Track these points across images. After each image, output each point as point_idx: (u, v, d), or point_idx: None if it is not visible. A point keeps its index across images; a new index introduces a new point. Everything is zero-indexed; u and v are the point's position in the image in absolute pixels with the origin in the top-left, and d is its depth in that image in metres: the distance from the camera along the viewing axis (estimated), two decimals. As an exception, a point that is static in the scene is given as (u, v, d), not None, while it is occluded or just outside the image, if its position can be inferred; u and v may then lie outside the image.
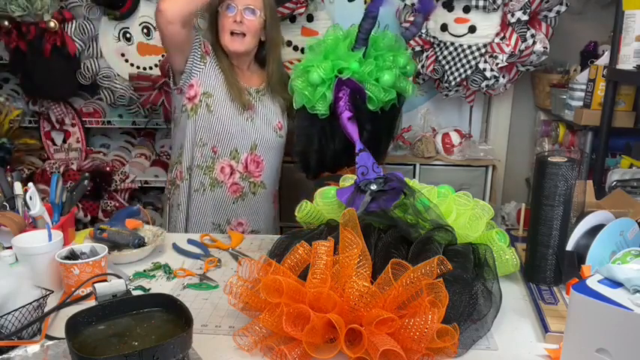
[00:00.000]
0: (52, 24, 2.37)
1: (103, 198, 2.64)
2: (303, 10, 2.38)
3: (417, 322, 0.87)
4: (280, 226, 2.06)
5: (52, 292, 1.03)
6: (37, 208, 1.26)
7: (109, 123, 2.78)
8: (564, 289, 1.12)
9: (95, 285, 0.88)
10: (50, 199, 1.35)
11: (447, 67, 2.34)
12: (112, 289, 0.89)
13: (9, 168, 2.45)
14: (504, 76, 2.33)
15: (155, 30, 2.46)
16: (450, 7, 2.29)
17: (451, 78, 2.35)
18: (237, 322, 1.04)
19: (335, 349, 0.89)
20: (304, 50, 2.47)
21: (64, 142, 2.82)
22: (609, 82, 1.84)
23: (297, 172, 1.80)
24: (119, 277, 0.96)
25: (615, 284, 0.83)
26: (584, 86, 2.01)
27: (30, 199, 1.24)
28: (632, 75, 1.70)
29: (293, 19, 2.47)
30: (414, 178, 2.41)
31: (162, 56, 2.49)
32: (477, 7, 2.24)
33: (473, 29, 2.27)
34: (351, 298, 0.89)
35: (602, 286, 0.83)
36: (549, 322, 1.00)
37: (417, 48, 2.38)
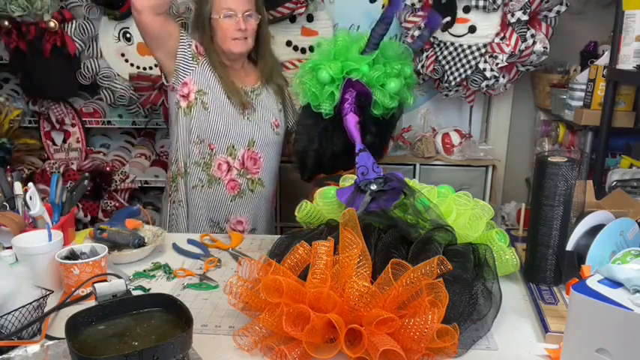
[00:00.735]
0: (52, 24, 2.38)
1: (103, 198, 2.65)
2: (303, 10, 2.39)
3: (417, 322, 0.87)
4: (280, 226, 2.06)
5: (52, 292, 1.03)
6: (37, 208, 1.26)
7: (109, 123, 2.78)
8: (564, 289, 1.12)
9: (95, 285, 0.88)
10: (50, 199, 1.35)
11: (447, 67, 2.34)
12: (112, 289, 0.89)
13: (9, 168, 2.45)
14: (504, 76, 2.33)
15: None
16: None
17: (451, 78, 2.34)
18: (237, 322, 1.04)
19: (335, 349, 0.89)
20: (305, 50, 2.49)
21: (64, 142, 2.82)
22: (609, 82, 1.84)
23: (295, 172, 1.80)
24: (119, 277, 0.96)
25: (615, 284, 0.83)
26: (584, 86, 2.01)
27: (30, 199, 1.24)
28: (632, 75, 1.70)
29: (293, 19, 2.47)
30: (414, 178, 2.41)
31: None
32: (477, 7, 2.24)
33: (473, 29, 2.27)
34: (351, 298, 0.89)
35: (602, 286, 0.83)
36: (549, 322, 1.00)
37: (417, 48, 2.38)
